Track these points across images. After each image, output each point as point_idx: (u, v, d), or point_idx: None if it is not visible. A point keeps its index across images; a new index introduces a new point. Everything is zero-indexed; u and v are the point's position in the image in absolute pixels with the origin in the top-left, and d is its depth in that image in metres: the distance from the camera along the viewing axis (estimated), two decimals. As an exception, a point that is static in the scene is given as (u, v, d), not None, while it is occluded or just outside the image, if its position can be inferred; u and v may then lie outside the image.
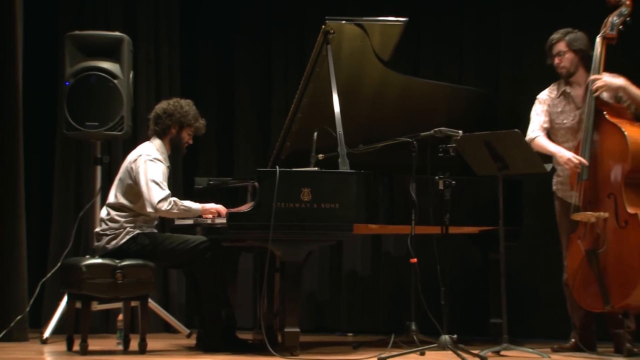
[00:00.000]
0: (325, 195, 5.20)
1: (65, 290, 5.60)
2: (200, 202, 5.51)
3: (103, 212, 5.51)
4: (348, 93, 5.65)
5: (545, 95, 5.68)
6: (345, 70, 5.70)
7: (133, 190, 5.39)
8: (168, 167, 5.51)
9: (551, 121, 5.63)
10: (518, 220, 6.02)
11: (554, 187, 5.69)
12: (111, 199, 5.49)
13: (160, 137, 5.55)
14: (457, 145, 5.30)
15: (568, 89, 5.61)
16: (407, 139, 5.38)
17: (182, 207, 5.34)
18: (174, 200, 5.31)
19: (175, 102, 5.58)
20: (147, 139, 5.64)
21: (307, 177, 5.24)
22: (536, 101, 5.70)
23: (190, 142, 5.64)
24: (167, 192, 5.32)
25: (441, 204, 5.27)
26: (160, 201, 5.27)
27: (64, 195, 6.91)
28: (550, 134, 5.64)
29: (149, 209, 5.29)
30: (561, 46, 5.57)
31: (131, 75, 6.30)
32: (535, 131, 5.59)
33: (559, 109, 5.61)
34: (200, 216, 5.49)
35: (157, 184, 5.30)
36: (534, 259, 6.62)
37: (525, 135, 5.49)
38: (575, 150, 5.41)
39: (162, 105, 5.59)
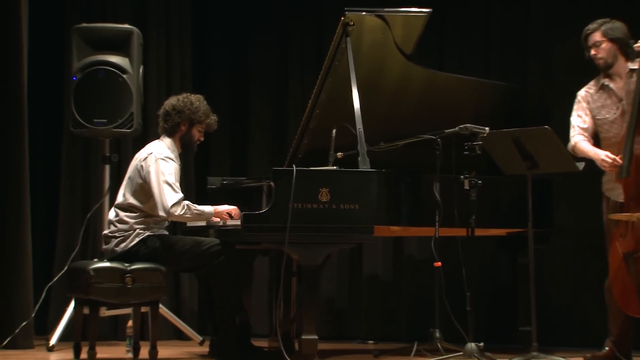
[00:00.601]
0: (344, 196, 5.18)
1: (73, 295, 5.61)
2: (213, 204, 5.52)
3: (111, 214, 5.51)
4: (368, 88, 5.64)
5: (583, 92, 5.62)
6: (366, 64, 5.68)
7: (143, 189, 5.39)
8: (180, 165, 5.50)
9: (593, 117, 5.57)
10: (548, 222, 5.99)
11: (603, 187, 5.63)
12: (120, 199, 5.49)
13: (170, 135, 5.55)
14: (483, 143, 5.28)
15: (607, 82, 5.55)
16: (430, 136, 5.37)
17: (195, 211, 5.34)
18: (187, 204, 5.30)
19: (184, 97, 5.57)
20: (157, 136, 5.64)
21: (325, 177, 5.22)
22: (575, 99, 5.65)
23: (202, 139, 5.63)
24: (181, 195, 5.31)
25: (467, 205, 5.25)
26: (173, 205, 5.26)
27: (71, 196, 6.93)
28: (596, 130, 5.59)
29: (161, 213, 5.29)
30: (597, 36, 5.52)
31: (141, 70, 6.30)
32: (576, 136, 5.54)
33: (599, 104, 5.55)
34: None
35: (170, 185, 5.30)
36: (567, 262, 6.58)
37: (554, 131, 5.45)
38: (619, 145, 5.36)
39: (171, 102, 5.59)
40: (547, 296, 6.38)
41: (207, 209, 5.41)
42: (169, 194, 5.28)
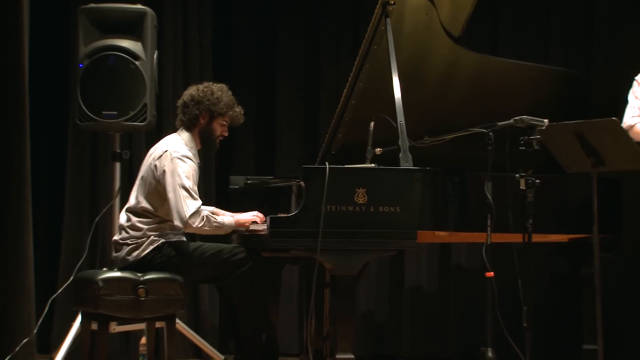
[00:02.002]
0: (383, 197, 5.17)
1: (79, 309, 5.62)
2: (235, 206, 5.52)
3: (122, 218, 5.52)
4: (411, 75, 5.64)
5: None
6: (408, 48, 5.67)
7: (158, 192, 5.39)
8: (199, 164, 5.50)
9: None
10: (616, 226, 5.93)
11: None
12: (132, 202, 5.49)
13: (189, 128, 5.54)
14: (542, 137, 5.23)
15: None
16: (482, 129, 5.33)
17: (215, 223, 5.32)
18: (206, 215, 5.29)
19: (205, 87, 5.57)
20: (173, 130, 5.63)
21: (362, 176, 5.22)
22: (634, 82, 5.64)
23: (225, 134, 5.62)
24: (199, 202, 5.29)
25: (523, 207, 5.21)
26: (192, 215, 5.25)
27: (77, 198, 6.96)
28: None
29: (177, 223, 5.28)
30: None
31: (155, 56, 6.31)
32: (635, 117, 5.50)
33: None
34: None
35: (187, 190, 5.28)
36: (637, 272, 6.52)
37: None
38: None
39: (190, 92, 5.58)
40: (614, 310, 6.32)
41: (227, 220, 5.39)
42: (186, 201, 5.26)
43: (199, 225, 5.27)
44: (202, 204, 5.32)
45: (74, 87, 6.30)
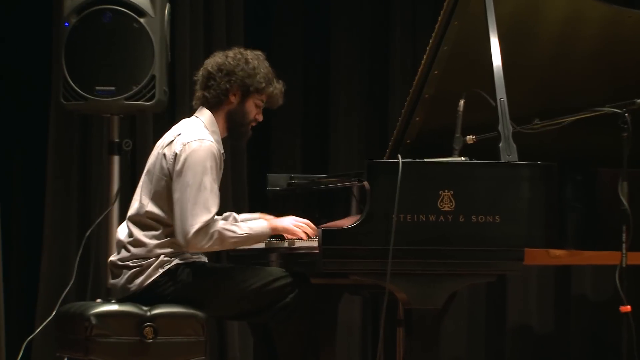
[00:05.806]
0: (478, 202, 5.15)
1: (64, 355, 5.64)
2: (274, 213, 5.49)
3: (122, 232, 5.51)
4: (516, 35, 5.64)
5: None
6: (511, -2, 5.67)
7: (168, 189, 5.36)
8: (222, 154, 5.47)
9: None
10: None
11: None
12: (135, 208, 5.48)
13: (213, 108, 5.53)
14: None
15: None
16: (614, 109, 5.26)
17: (232, 239, 5.29)
18: (219, 231, 5.25)
19: (237, 54, 5.56)
20: (190, 112, 5.61)
21: (448, 173, 5.20)
22: None
23: (260, 118, 5.60)
24: (210, 214, 5.25)
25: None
26: (197, 232, 5.21)
27: (62, 203, 7.01)
28: None
29: (179, 238, 5.26)
30: None
31: (167, 12, 6.30)
32: None
33: None
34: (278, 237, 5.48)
35: (199, 192, 5.23)
36: None
37: None
38: None
39: (216, 59, 5.57)
40: None
41: (257, 225, 5.38)
42: (194, 209, 5.23)
43: (205, 246, 5.26)
44: (226, 212, 5.30)
45: (58, 53, 6.32)
